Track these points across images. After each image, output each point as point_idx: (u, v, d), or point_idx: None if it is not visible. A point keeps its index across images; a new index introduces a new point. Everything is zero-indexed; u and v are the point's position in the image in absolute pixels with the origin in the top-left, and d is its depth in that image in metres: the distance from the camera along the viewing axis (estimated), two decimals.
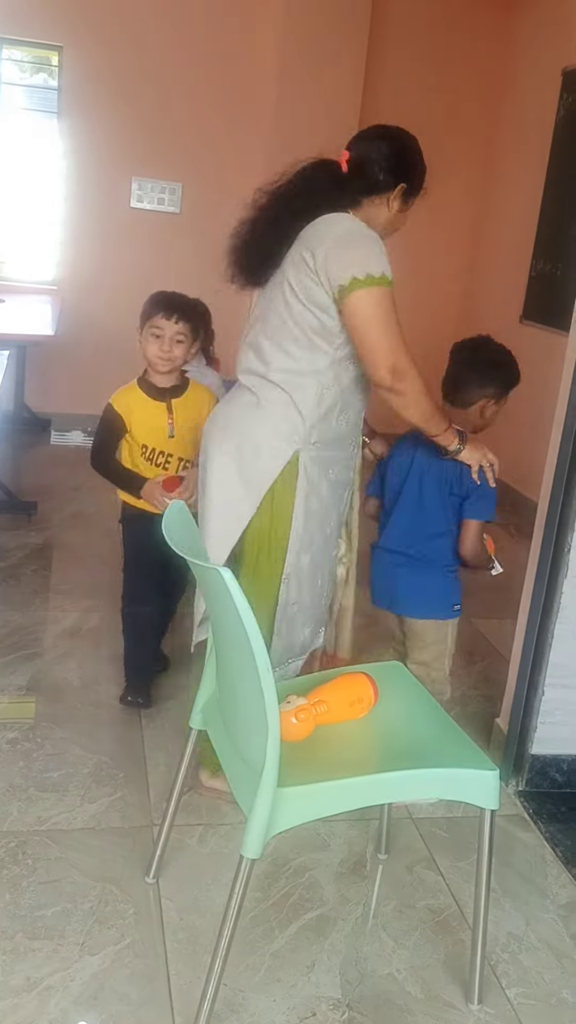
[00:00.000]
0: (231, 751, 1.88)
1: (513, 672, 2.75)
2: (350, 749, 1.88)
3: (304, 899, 2.20)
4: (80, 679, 3.05)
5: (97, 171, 5.72)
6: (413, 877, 2.32)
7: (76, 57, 5.51)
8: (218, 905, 2.13)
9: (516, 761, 2.71)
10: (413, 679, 2.15)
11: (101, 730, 2.78)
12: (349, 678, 2.01)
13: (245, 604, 1.59)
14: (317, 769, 1.78)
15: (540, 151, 5.31)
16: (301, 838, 2.38)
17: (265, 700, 1.62)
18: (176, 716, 2.85)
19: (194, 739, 2.11)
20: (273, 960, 2.01)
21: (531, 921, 2.22)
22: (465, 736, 1.94)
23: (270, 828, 1.69)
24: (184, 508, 1.91)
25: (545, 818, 2.59)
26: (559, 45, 5.21)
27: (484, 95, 6.06)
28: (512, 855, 2.44)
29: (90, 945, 2.00)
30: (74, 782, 2.52)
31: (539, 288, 5.36)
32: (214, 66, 5.66)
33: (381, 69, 5.82)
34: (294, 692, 1.93)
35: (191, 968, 1.96)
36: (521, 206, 5.57)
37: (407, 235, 6.48)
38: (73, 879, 2.17)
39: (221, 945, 1.75)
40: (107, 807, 2.44)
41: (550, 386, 2.67)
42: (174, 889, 2.19)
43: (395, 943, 2.10)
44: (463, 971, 2.02)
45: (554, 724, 2.66)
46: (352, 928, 2.13)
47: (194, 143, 5.77)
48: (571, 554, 2.53)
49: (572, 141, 5.04)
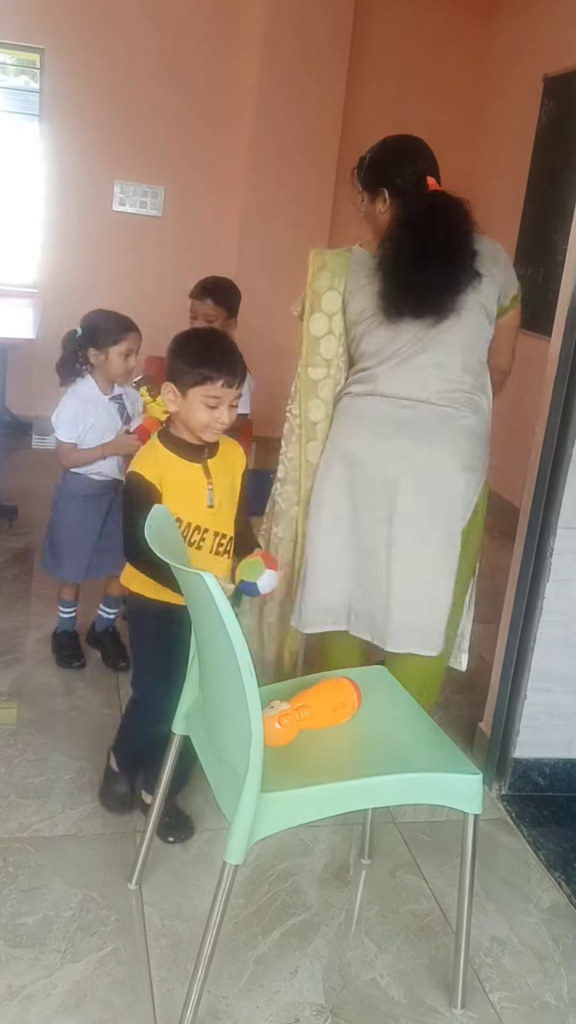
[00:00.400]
0: (214, 756, 1.87)
1: (496, 676, 2.75)
2: (333, 754, 1.88)
3: (287, 905, 2.19)
4: (61, 684, 3.03)
5: (79, 174, 5.70)
6: (396, 882, 2.32)
7: (58, 59, 5.49)
8: (201, 911, 2.12)
9: (499, 765, 2.71)
10: (396, 684, 2.15)
11: (83, 736, 2.76)
12: (332, 683, 2.00)
13: (229, 610, 1.58)
14: (300, 774, 1.77)
15: (522, 157, 5.34)
16: (284, 843, 2.37)
17: (248, 705, 1.61)
18: None
19: (177, 744, 2.10)
20: (256, 966, 2.01)
21: (514, 925, 2.22)
22: (448, 740, 1.94)
23: (253, 834, 1.69)
24: (167, 512, 1.90)
25: (528, 822, 2.59)
26: (540, 52, 5.24)
27: (466, 102, 6.08)
28: (495, 859, 2.44)
29: (72, 952, 1.98)
30: (56, 788, 2.51)
31: (521, 294, 5.38)
32: (197, 70, 5.66)
33: (363, 76, 5.85)
34: (277, 697, 1.92)
35: (174, 975, 1.95)
36: (503, 212, 5.59)
37: None
38: (55, 886, 2.16)
39: (204, 952, 1.74)
40: (89, 813, 2.43)
41: (532, 391, 2.68)
42: (157, 895, 2.17)
43: (378, 948, 2.10)
44: (447, 976, 2.02)
45: (537, 728, 2.67)
46: (335, 933, 2.13)
47: (177, 146, 5.77)
48: (553, 558, 2.54)
49: (554, 147, 5.07)
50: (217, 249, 5.80)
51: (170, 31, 5.56)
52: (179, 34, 5.57)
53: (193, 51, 5.62)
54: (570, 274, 2.43)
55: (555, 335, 2.51)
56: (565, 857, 2.47)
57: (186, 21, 5.57)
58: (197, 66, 5.65)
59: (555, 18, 5.11)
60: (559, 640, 2.61)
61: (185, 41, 5.59)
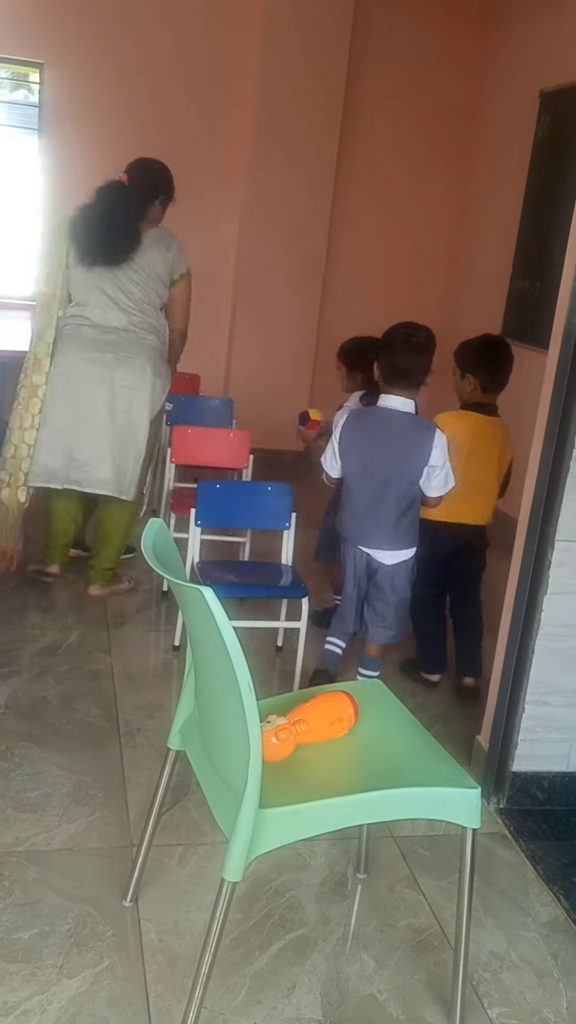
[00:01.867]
0: (211, 772, 1.87)
1: (494, 689, 2.75)
2: (331, 769, 1.87)
3: (285, 920, 2.18)
4: (58, 697, 3.03)
5: (77, 188, 5.69)
6: (394, 896, 2.31)
7: (57, 74, 5.52)
8: (198, 926, 2.11)
9: (497, 779, 2.70)
10: (393, 697, 2.15)
11: (80, 749, 2.75)
12: (329, 697, 2.00)
13: (227, 623, 1.58)
14: (298, 790, 1.77)
15: (519, 172, 5.36)
16: (282, 858, 2.36)
17: (247, 720, 1.61)
18: (156, 735, 2.84)
19: (173, 759, 2.10)
20: (253, 982, 1.99)
21: (513, 940, 2.21)
22: (446, 754, 1.94)
23: (252, 850, 1.68)
24: (164, 527, 1.90)
25: (526, 836, 2.58)
26: (536, 67, 5.28)
27: (462, 117, 6.12)
28: (493, 873, 2.43)
29: (68, 968, 1.97)
30: (52, 802, 2.50)
31: (518, 306, 5.40)
32: (196, 83, 5.68)
33: (361, 92, 5.88)
34: (273, 711, 1.92)
35: (171, 991, 1.94)
36: (500, 225, 5.62)
37: (388, 254, 6.60)
38: (51, 901, 2.15)
39: (202, 970, 1.73)
40: (86, 827, 2.42)
41: (529, 404, 2.68)
42: (153, 910, 2.16)
43: (376, 963, 2.09)
44: (445, 991, 2.01)
45: (535, 741, 2.66)
46: (333, 949, 2.12)
47: (175, 160, 5.77)
48: (551, 571, 2.54)
49: (550, 162, 5.09)
50: (216, 261, 5.81)
51: (169, 46, 5.59)
52: (177, 48, 5.60)
53: (192, 65, 5.65)
54: (567, 287, 2.44)
55: (552, 348, 2.51)
56: (564, 871, 2.46)
57: (184, 36, 5.59)
58: (196, 79, 5.68)
59: (551, 34, 5.14)
60: (557, 653, 2.60)
61: (183, 55, 5.62)
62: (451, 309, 6.36)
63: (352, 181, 6.02)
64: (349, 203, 6.05)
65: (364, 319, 6.48)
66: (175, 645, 3.45)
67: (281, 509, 3.37)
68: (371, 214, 6.17)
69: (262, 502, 3.41)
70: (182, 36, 5.59)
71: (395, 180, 6.14)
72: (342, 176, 5.94)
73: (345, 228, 6.09)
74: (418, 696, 3.30)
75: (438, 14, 5.89)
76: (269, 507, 3.39)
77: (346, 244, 6.13)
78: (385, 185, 6.13)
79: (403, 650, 3.46)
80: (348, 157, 5.97)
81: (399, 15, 5.86)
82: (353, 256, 6.16)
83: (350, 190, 6.02)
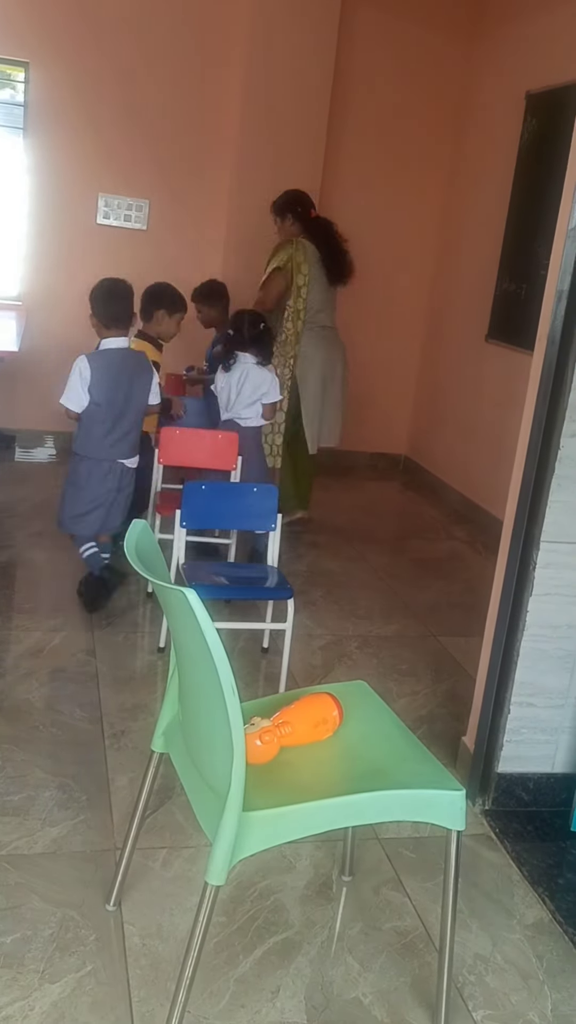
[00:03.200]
0: (194, 775, 1.86)
1: (479, 690, 2.75)
2: (315, 771, 1.86)
3: (269, 923, 2.17)
4: (43, 700, 3.01)
5: (63, 187, 5.70)
6: (379, 899, 2.30)
7: (43, 73, 5.50)
8: (182, 930, 2.10)
9: (482, 780, 2.70)
10: (378, 699, 2.14)
11: (63, 752, 2.74)
12: (313, 699, 1.99)
13: (210, 625, 1.57)
14: (282, 792, 1.76)
15: (505, 173, 5.37)
16: (266, 860, 2.35)
17: (230, 722, 1.60)
18: (140, 738, 2.82)
19: (156, 762, 2.08)
20: (237, 986, 1.98)
21: (498, 942, 2.21)
22: (431, 756, 1.93)
23: (235, 853, 1.67)
24: (147, 528, 1.89)
25: (512, 837, 2.58)
26: (522, 70, 5.29)
27: (449, 118, 6.14)
28: (479, 875, 2.43)
29: (50, 973, 1.95)
30: (35, 805, 2.48)
31: (504, 308, 5.41)
32: (182, 84, 5.67)
33: (347, 92, 5.89)
34: (257, 714, 1.91)
35: (154, 995, 1.93)
36: (486, 227, 5.63)
37: (376, 255, 6.62)
38: (33, 905, 2.13)
39: (185, 974, 1.72)
40: (69, 831, 2.40)
41: (515, 404, 2.68)
42: (137, 914, 2.15)
43: (361, 966, 2.08)
44: (430, 994, 2.00)
45: (520, 742, 2.66)
46: (318, 952, 2.11)
47: (162, 160, 5.78)
48: (537, 572, 2.54)
49: (536, 164, 5.10)
50: (202, 263, 5.80)
51: (155, 45, 5.58)
52: (164, 49, 5.59)
53: (178, 66, 5.64)
54: (552, 289, 2.44)
55: (537, 350, 2.52)
56: (549, 873, 2.46)
57: (171, 36, 5.59)
58: (182, 80, 5.67)
59: (537, 36, 5.16)
60: (542, 654, 2.60)
61: (170, 56, 5.61)
62: (437, 311, 6.37)
63: (338, 182, 6.02)
64: (335, 203, 6.04)
65: (349, 319, 6.50)
66: (160, 647, 3.44)
67: (267, 510, 3.36)
68: (357, 215, 6.16)
69: (248, 503, 3.40)
70: (168, 37, 5.58)
71: (381, 181, 6.15)
72: (328, 177, 5.94)
73: None
74: (404, 698, 3.30)
75: (425, 16, 5.91)
76: (255, 508, 3.38)
77: None
78: (371, 186, 6.14)
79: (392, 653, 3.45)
80: (334, 158, 5.97)
81: (386, 17, 5.86)
82: None
83: (336, 191, 6.02)
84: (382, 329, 6.43)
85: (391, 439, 6.71)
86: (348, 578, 4.42)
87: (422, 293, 6.45)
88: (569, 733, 2.69)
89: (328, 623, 3.86)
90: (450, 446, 6.08)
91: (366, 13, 5.80)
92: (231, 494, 3.53)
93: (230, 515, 3.48)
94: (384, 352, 6.44)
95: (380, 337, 6.41)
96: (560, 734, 2.68)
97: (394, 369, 6.53)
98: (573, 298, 2.39)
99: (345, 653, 3.61)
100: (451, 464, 6.04)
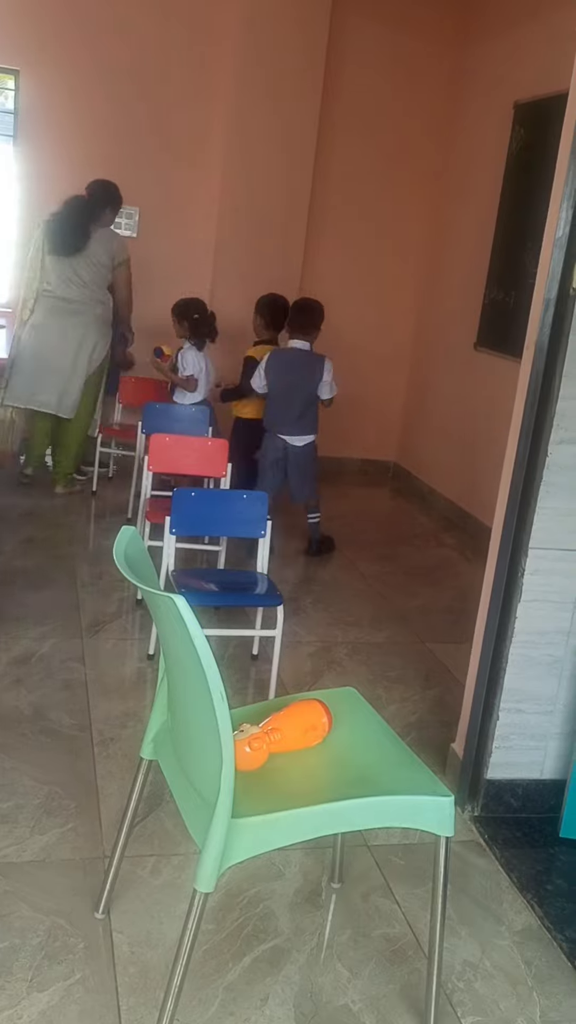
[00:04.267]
0: (183, 782, 1.85)
1: (468, 697, 2.75)
2: (305, 778, 1.86)
3: (258, 930, 2.17)
4: (31, 707, 3.00)
5: (54, 195, 5.69)
6: (368, 906, 2.30)
7: (33, 81, 5.50)
8: (170, 938, 2.09)
9: (471, 786, 2.71)
10: (368, 706, 2.14)
11: (52, 759, 2.73)
12: (303, 705, 1.99)
13: (199, 631, 1.57)
14: (271, 799, 1.76)
15: (493, 182, 5.40)
16: (255, 867, 2.35)
17: (219, 729, 1.60)
18: (129, 745, 2.82)
19: (145, 769, 2.08)
20: (226, 994, 1.98)
21: (487, 948, 2.21)
22: (420, 762, 1.94)
23: (224, 860, 1.67)
24: (136, 535, 1.89)
25: (500, 844, 2.59)
26: (511, 79, 5.32)
27: (438, 128, 6.16)
28: (468, 882, 2.43)
29: (39, 981, 1.95)
30: (24, 813, 2.47)
31: (493, 316, 5.44)
32: (172, 91, 5.69)
33: (336, 101, 5.91)
34: (247, 720, 1.91)
35: (143, 1003, 1.92)
36: (475, 236, 5.65)
37: (364, 264, 6.64)
38: (21, 913, 2.12)
39: (174, 982, 1.71)
40: (58, 838, 2.39)
41: (504, 412, 2.69)
42: (125, 922, 2.14)
43: (350, 974, 2.08)
44: (419, 1001, 2.00)
45: (509, 749, 2.67)
46: (307, 959, 2.10)
47: (152, 168, 5.79)
48: (525, 578, 2.55)
49: (524, 173, 5.13)
50: (192, 270, 5.81)
51: (145, 53, 5.59)
52: (154, 56, 5.61)
53: (168, 73, 5.65)
54: (540, 298, 2.46)
55: (525, 358, 2.53)
56: (538, 879, 2.46)
57: (161, 44, 5.60)
58: (172, 88, 5.68)
59: (526, 46, 5.19)
60: (531, 660, 2.61)
61: (160, 63, 5.63)
62: (427, 319, 6.40)
63: (328, 191, 6.05)
64: (325, 213, 6.07)
65: (340, 327, 6.51)
66: (149, 654, 3.43)
67: (256, 517, 3.36)
68: (347, 224, 6.20)
69: (237, 510, 3.40)
70: (158, 45, 5.60)
71: (371, 190, 6.17)
72: (318, 186, 5.96)
73: (321, 237, 6.11)
74: (394, 704, 3.30)
75: (414, 26, 5.94)
76: (244, 515, 3.38)
77: (322, 253, 6.15)
78: (361, 195, 6.16)
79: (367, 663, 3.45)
80: (324, 167, 5.99)
81: (375, 27, 5.90)
82: (329, 266, 6.18)
83: (326, 199, 6.04)
84: (372, 336, 6.44)
85: (381, 446, 6.72)
86: (338, 585, 4.43)
87: (412, 301, 6.47)
88: (558, 739, 2.69)
89: (318, 630, 3.86)
90: (440, 453, 6.09)
91: (356, 24, 5.83)
92: (221, 501, 3.54)
93: (220, 522, 3.48)
94: (374, 359, 6.46)
95: (370, 344, 6.43)
96: (549, 740, 2.69)
97: (384, 376, 6.55)
98: (561, 306, 2.41)
99: (335, 660, 3.61)
100: (441, 471, 6.06)
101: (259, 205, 5.75)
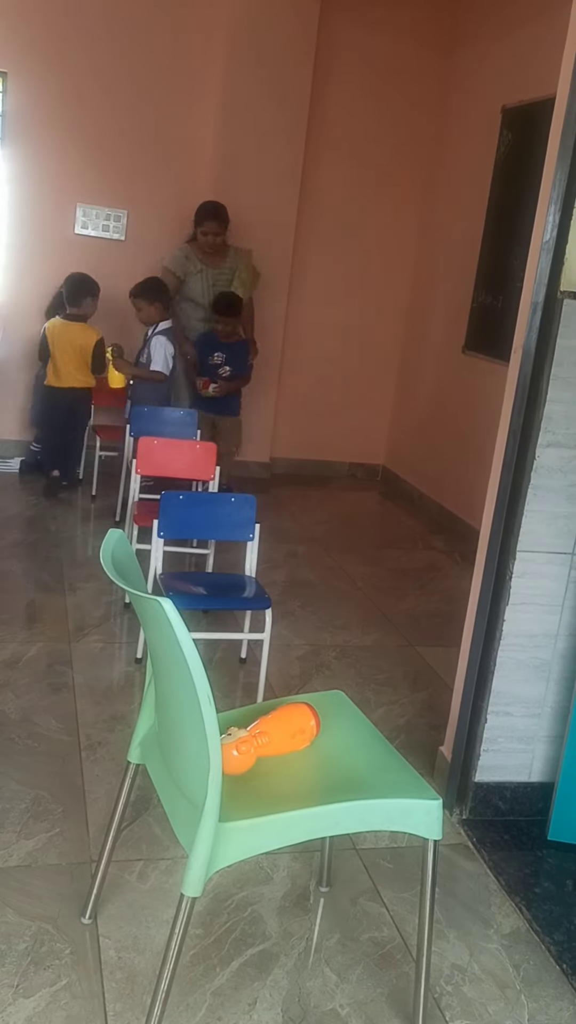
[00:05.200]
0: (170, 786, 1.85)
1: (456, 700, 2.75)
2: (292, 781, 1.86)
3: (246, 934, 2.16)
4: (18, 711, 2.98)
5: (42, 197, 5.69)
6: (357, 909, 2.30)
7: (21, 83, 5.49)
8: (158, 943, 2.08)
9: (460, 789, 2.71)
10: (356, 709, 2.14)
11: (39, 764, 2.72)
12: (291, 709, 1.99)
13: (186, 635, 1.56)
14: (259, 803, 1.75)
15: (481, 186, 5.42)
16: (243, 872, 2.34)
17: (207, 732, 1.59)
18: (116, 749, 2.81)
19: (132, 774, 2.07)
20: (214, 998, 1.97)
21: (475, 952, 2.21)
22: (408, 765, 1.93)
23: (212, 864, 1.66)
24: (123, 538, 1.88)
25: (489, 847, 2.59)
26: (498, 84, 5.34)
27: (426, 132, 6.18)
28: (456, 885, 2.43)
29: (25, 987, 1.93)
30: (10, 818, 2.46)
31: (481, 320, 5.45)
32: (160, 94, 5.68)
33: (325, 105, 5.92)
34: (234, 724, 1.90)
35: (130, 1009, 1.91)
36: (463, 239, 5.67)
37: (353, 268, 6.67)
38: (7, 919, 2.11)
39: (161, 987, 1.71)
40: (44, 843, 2.38)
41: (492, 415, 2.70)
42: (112, 927, 2.13)
43: (338, 978, 2.08)
44: (407, 1005, 2.00)
45: (497, 752, 2.67)
46: (295, 963, 2.10)
47: (140, 171, 5.78)
48: (513, 582, 2.55)
49: (512, 177, 5.15)
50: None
51: (133, 55, 5.59)
52: (142, 59, 5.61)
53: (156, 76, 5.65)
54: (527, 301, 2.46)
55: (512, 362, 2.53)
56: (526, 882, 2.46)
57: (149, 47, 5.60)
58: (160, 90, 5.68)
59: (513, 51, 5.22)
60: (519, 663, 2.61)
61: (148, 66, 5.63)
62: (415, 322, 6.41)
63: (316, 195, 6.06)
64: (313, 217, 6.08)
65: (329, 331, 6.51)
66: (137, 657, 3.42)
67: (245, 520, 3.36)
68: (335, 227, 6.20)
69: (225, 513, 3.39)
70: (146, 48, 5.60)
71: (359, 195, 6.18)
72: (306, 191, 5.97)
73: (309, 242, 6.12)
74: (382, 707, 3.30)
75: (402, 30, 5.96)
76: (233, 518, 3.37)
77: (310, 258, 6.16)
78: (349, 198, 6.17)
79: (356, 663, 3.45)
80: (312, 173, 6.00)
81: (363, 32, 5.91)
82: (317, 270, 6.19)
83: (314, 205, 6.05)
84: (360, 339, 6.45)
85: (369, 449, 6.73)
86: (326, 588, 4.42)
87: (400, 305, 6.48)
88: (545, 742, 2.70)
89: (306, 633, 3.86)
90: (428, 456, 6.10)
91: (344, 28, 5.84)
92: (209, 504, 3.53)
93: (208, 525, 3.47)
94: (363, 363, 6.47)
95: (359, 347, 6.44)
96: (536, 743, 2.69)
97: (373, 380, 6.55)
98: (548, 310, 2.41)
99: (323, 663, 3.61)
100: (429, 474, 6.07)
101: (247, 215, 5.75)
